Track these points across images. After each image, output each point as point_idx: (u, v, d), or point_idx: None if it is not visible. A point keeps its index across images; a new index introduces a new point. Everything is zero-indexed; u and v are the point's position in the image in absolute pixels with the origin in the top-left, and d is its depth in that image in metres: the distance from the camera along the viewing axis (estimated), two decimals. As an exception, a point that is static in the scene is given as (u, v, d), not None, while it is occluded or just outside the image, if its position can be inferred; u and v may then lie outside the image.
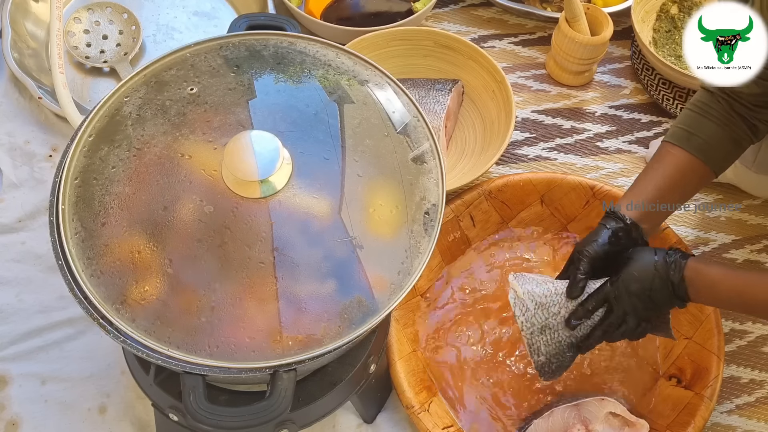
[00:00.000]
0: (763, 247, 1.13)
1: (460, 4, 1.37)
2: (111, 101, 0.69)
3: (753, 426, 0.99)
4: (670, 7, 1.32)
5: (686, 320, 1.00)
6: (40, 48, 1.21)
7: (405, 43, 1.20)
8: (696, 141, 0.87)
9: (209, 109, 0.69)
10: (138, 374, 0.81)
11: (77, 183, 0.64)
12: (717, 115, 0.87)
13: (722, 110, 0.87)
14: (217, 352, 0.60)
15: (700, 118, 0.88)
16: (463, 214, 1.07)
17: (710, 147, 0.88)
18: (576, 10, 1.18)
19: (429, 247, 0.65)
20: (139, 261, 0.62)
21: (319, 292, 0.62)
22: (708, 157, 0.88)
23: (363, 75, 0.73)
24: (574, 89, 1.28)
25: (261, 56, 0.73)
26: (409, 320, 1.00)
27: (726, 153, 0.89)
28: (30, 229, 1.08)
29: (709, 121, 0.87)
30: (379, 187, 0.67)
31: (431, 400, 0.94)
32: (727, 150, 0.89)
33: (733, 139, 0.88)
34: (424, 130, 0.71)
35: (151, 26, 1.28)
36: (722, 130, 0.87)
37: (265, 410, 0.60)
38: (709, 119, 0.87)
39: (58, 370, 0.97)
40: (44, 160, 1.14)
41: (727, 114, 0.86)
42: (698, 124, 0.88)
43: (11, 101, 1.18)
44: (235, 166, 0.63)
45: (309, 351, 0.61)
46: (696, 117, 0.88)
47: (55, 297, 1.02)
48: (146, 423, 0.94)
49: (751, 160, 1.08)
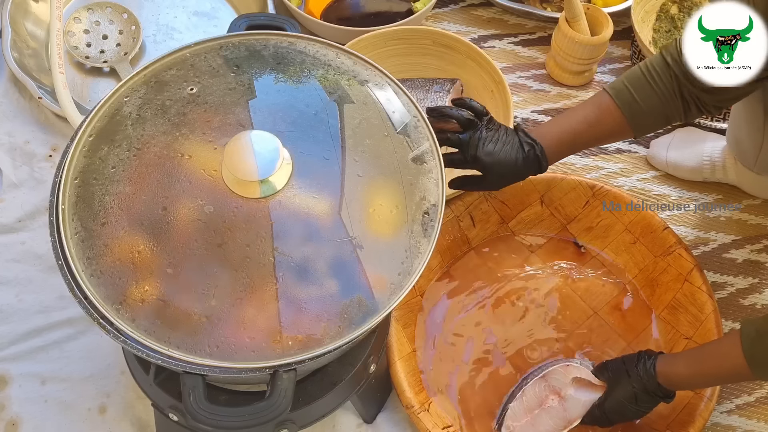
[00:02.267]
0: (763, 247, 1.13)
1: (460, 4, 1.37)
2: (111, 101, 0.69)
3: (753, 426, 0.99)
4: (670, 7, 1.32)
5: (686, 320, 1.00)
6: (40, 48, 1.21)
7: (404, 43, 1.20)
8: (635, 107, 0.87)
9: (209, 109, 0.69)
10: (138, 374, 0.81)
11: (77, 183, 0.64)
12: (663, 88, 0.86)
13: (669, 85, 0.86)
14: (217, 352, 0.60)
15: (647, 85, 0.87)
16: (463, 214, 1.07)
17: (643, 115, 0.88)
18: (576, 10, 1.18)
19: (429, 247, 0.65)
20: (139, 261, 0.62)
21: (319, 292, 0.62)
22: (637, 123, 0.88)
23: (363, 75, 0.73)
24: (574, 89, 1.28)
25: (261, 56, 0.73)
26: (409, 320, 1.00)
27: (654, 124, 0.90)
28: (30, 229, 1.08)
29: (654, 92, 0.86)
30: (379, 187, 0.67)
31: (431, 400, 0.94)
32: (656, 122, 0.89)
33: (666, 115, 0.88)
34: (424, 130, 0.71)
35: (151, 26, 1.28)
36: (661, 105, 0.87)
37: (265, 410, 0.60)
38: (654, 90, 0.86)
39: (58, 370, 0.97)
40: (44, 160, 1.14)
41: (671, 91, 0.86)
42: (643, 90, 0.87)
43: (11, 101, 1.18)
44: (235, 166, 0.63)
45: (309, 351, 0.60)
46: (644, 82, 0.87)
47: (55, 297, 1.02)
48: (146, 423, 0.94)
49: (752, 161, 1.08)
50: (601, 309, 1.04)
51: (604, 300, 1.05)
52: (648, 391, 0.86)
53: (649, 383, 0.85)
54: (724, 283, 1.10)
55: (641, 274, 1.06)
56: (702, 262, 1.06)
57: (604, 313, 1.04)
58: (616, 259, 1.07)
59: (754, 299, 1.09)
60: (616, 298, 1.05)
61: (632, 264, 1.07)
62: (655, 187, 1.18)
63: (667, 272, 1.03)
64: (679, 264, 1.02)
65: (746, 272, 1.11)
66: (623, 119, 0.87)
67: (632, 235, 1.06)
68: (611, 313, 1.04)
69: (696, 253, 1.10)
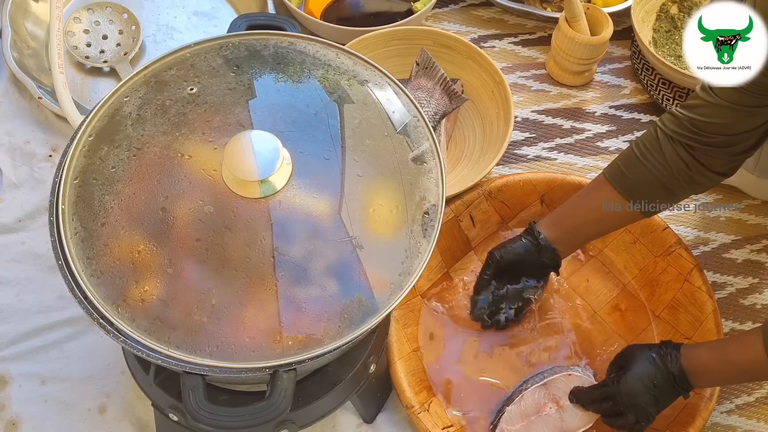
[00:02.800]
0: (763, 247, 1.13)
1: (460, 4, 1.37)
2: (111, 101, 0.69)
3: (753, 426, 0.99)
4: (670, 7, 1.32)
5: (686, 320, 1.00)
6: (40, 48, 1.21)
7: (404, 43, 1.20)
8: (627, 183, 0.88)
9: (209, 109, 0.69)
10: (138, 374, 0.81)
11: (77, 183, 0.64)
12: (655, 162, 0.85)
13: (662, 158, 0.85)
14: (217, 352, 0.60)
15: (637, 161, 0.87)
16: (463, 214, 1.07)
17: (639, 190, 0.88)
18: (576, 10, 1.18)
19: (429, 247, 0.65)
20: (139, 261, 0.62)
21: (319, 292, 0.62)
22: (636, 199, 0.88)
23: (363, 75, 0.73)
24: (574, 89, 1.28)
25: (261, 56, 0.73)
26: (409, 320, 1.00)
27: (656, 199, 0.89)
28: (30, 229, 1.08)
29: (645, 167, 0.86)
30: (379, 187, 0.67)
31: (431, 400, 0.94)
32: (657, 196, 0.88)
33: (666, 188, 0.87)
34: (423, 130, 0.71)
35: (151, 26, 1.28)
36: (655, 177, 0.86)
37: (265, 410, 0.60)
38: (645, 164, 0.86)
39: (58, 370, 0.97)
40: (44, 160, 1.14)
41: (666, 162, 0.85)
42: (633, 165, 0.87)
43: (11, 101, 1.18)
44: (235, 166, 0.63)
45: (309, 351, 0.61)
46: (634, 158, 0.87)
47: (55, 297, 1.02)
48: (146, 423, 0.94)
49: (752, 164, 1.08)
50: (601, 309, 1.04)
51: (604, 300, 1.05)
52: (668, 376, 0.84)
53: (672, 365, 0.84)
54: (724, 283, 1.10)
55: (641, 274, 1.06)
56: (702, 262, 1.06)
57: (604, 313, 1.04)
58: (616, 259, 1.07)
59: (754, 299, 1.09)
60: (616, 298, 1.05)
61: (632, 264, 1.07)
62: (655, 187, 1.18)
63: (667, 272, 1.03)
64: (679, 264, 1.02)
65: (746, 272, 1.11)
66: (621, 198, 0.88)
67: (632, 235, 1.06)
68: (611, 313, 1.04)
69: (696, 253, 1.10)
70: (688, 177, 0.85)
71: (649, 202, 0.89)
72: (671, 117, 0.85)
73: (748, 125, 0.81)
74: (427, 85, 1.11)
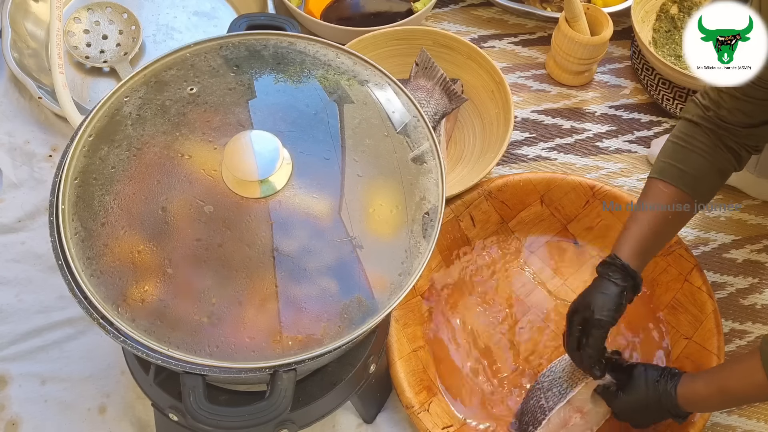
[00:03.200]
0: (763, 247, 1.13)
1: (460, 4, 1.37)
2: (111, 101, 0.69)
3: (753, 426, 0.99)
4: (670, 7, 1.32)
5: (686, 320, 1.00)
6: (40, 48, 1.21)
7: (404, 43, 1.20)
8: (687, 177, 0.86)
9: (209, 109, 0.69)
10: (138, 374, 0.81)
11: (77, 183, 0.64)
12: (703, 147, 0.86)
13: (708, 141, 0.86)
14: (217, 352, 0.60)
15: (687, 151, 0.87)
16: (463, 214, 1.07)
17: (699, 181, 0.87)
18: (576, 10, 1.18)
19: (429, 247, 0.65)
20: (139, 261, 0.62)
21: (319, 292, 0.62)
22: (697, 191, 0.87)
23: (363, 75, 0.73)
24: (574, 89, 1.28)
25: (261, 56, 0.73)
26: (409, 320, 1.00)
27: (713, 185, 0.89)
28: (30, 229, 1.08)
29: (697, 155, 0.86)
30: (379, 187, 0.67)
31: (431, 400, 0.94)
32: (714, 182, 0.89)
33: (719, 170, 0.87)
34: (423, 130, 0.71)
35: (151, 26, 1.28)
36: (709, 163, 0.86)
37: (265, 410, 0.60)
38: (696, 152, 0.86)
39: (58, 370, 0.97)
40: (44, 160, 1.14)
41: (713, 145, 0.86)
42: (686, 158, 0.87)
43: (11, 101, 1.18)
44: (235, 166, 0.63)
45: (309, 351, 0.61)
46: (683, 151, 0.87)
47: (55, 297, 1.02)
48: (146, 423, 0.94)
49: (752, 164, 1.08)
50: (601, 309, 1.04)
51: (604, 300, 1.05)
52: (662, 410, 0.84)
53: (666, 401, 0.83)
54: (724, 283, 1.10)
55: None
56: (702, 262, 1.06)
57: (604, 313, 1.04)
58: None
59: (754, 299, 1.09)
60: (616, 298, 1.05)
61: (632, 264, 1.07)
62: (655, 187, 1.18)
63: (667, 272, 1.03)
64: (679, 264, 1.02)
65: (746, 272, 1.11)
66: (684, 195, 0.86)
67: (632, 235, 1.06)
68: (611, 313, 1.04)
69: (696, 253, 1.10)
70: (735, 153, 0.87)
71: (708, 190, 0.89)
72: (696, 107, 0.87)
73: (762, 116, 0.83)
74: (427, 85, 1.11)
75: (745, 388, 0.80)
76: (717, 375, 0.84)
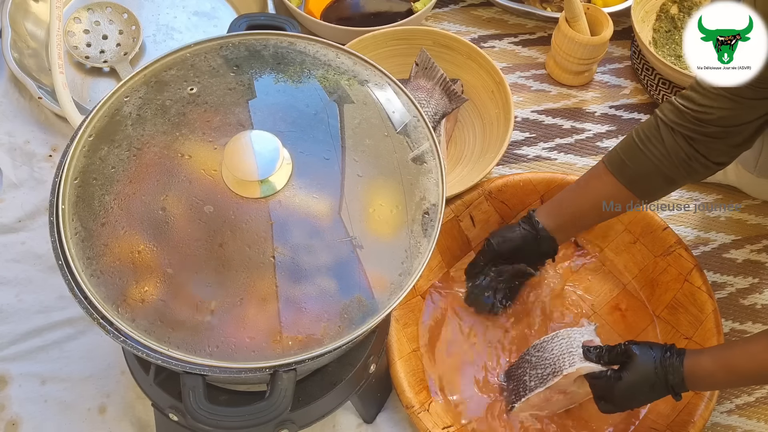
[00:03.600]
0: (763, 247, 1.13)
1: (460, 4, 1.37)
2: (111, 101, 0.69)
3: (753, 426, 0.99)
4: (670, 7, 1.32)
5: (686, 320, 1.00)
6: (40, 48, 1.21)
7: (404, 43, 1.20)
8: (628, 172, 0.89)
9: (209, 109, 0.69)
10: (138, 374, 0.81)
11: (77, 183, 0.64)
12: (656, 151, 0.86)
13: (662, 148, 0.86)
14: (217, 352, 0.60)
15: (638, 150, 0.88)
16: (463, 214, 1.07)
17: (641, 180, 0.89)
18: (576, 10, 1.18)
19: (429, 247, 0.65)
20: (139, 261, 0.62)
21: (319, 292, 0.62)
22: (636, 188, 0.89)
23: (363, 75, 0.73)
24: (574, 89, 1.28)
25: (261, 56, 0.73)
26: (409, 320, 1.00)
27: (657, 188, 0.90)
28: (30, 229, 1.08)
29: (645, 156, 0.87)
30: (379, 187, 0.67)
31: (431, 400, 0.94)
32: (658, 185, 0.90)
33: (666, 177, 0.88)
34: (423, 130, 0.71)
35: (151, 26, 1.28)
36: (656, 167, 0.87)
37: (265, 410, 0.60)
38: (646, 153, 0.87)
39: (58, 370, 0.97)
40: (44, 160, 1.14)
41: (666, 152, 0.86)
42: (635, 155, 0.88)
43: (11, 101, 1.18)
44: (235, 166, 0.63)
45: (309, 351, 0.60)
46: (635, 148, 0.88)
47: (55, 297, 1.02)
48: (146, 423, 0.94)
49: (752, 164, 1.08)
50: (601, 309, 1.04)
51: (604, 300, 1.05)
52: (666, 386, 0.84)
53: (673, 377, 0.83)
54: (724, 283, 1.10)
55: (641, 274, 1.06)
56: (702, 262, 1.06)
57: (604, 313, 1.04)
58: (616, 259, 1.07)
59: (754, 299, 1.09)
60: (616, 298, 1.05)
61: (632, 264, 1.07)
62: (655, 187, 1.18)
63: (667, 272, 1.03)
64: (679, 264, 1.02)
65: (746, 272, 1.11)
66: (622, 188, 0.89)
67: (632, 235, 1.06)
68: (611, 313, 1.04)
69: (696, 253, 1.10)
70: (687, 166, 0.86)
71: (649, 190, 0.90)
72: (671, 107, 0.86)
73: (746, 117, 0.82)
74: (427, 85, 1.11)
75: (752, 368, 0.80)
76: (725, 352, 0.84)
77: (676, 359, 0.84)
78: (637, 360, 0.85)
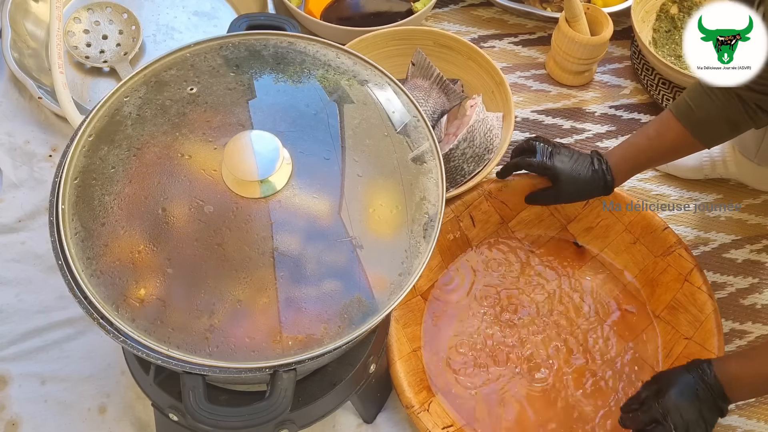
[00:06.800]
0: (763, 247, 1.13)
1: (460, 4, 1.37)
2: (111, 101, 0.69)
3: (753, 426, 0.99)
4: (670, 7, 1.32)
5: (686, 320, 1.00)
6: (40, 48, 1.21)
7: (404, 43, 1.20)
8: (694, 117, 0.91)
9: (209, 109, 0.69)
10: (138, 374, 0.81)
11: (77, 183, 0.64)
12: (719, 95, 0.89)
13: (724, 91, 0.88)
14: (217, 352, 0.60)
15: (704, 95, 0.90)
16: (463, 214, 1.07)
17: (707, 125, 0.91)
18: (576, 10, 1.18)
19: (429, 247, 0.65)
20: (139, 261, 0.62)
21: (319, 292, 0.62)
22: (702, 133, 0.92)
23: (363, 75, 0.73)
24: (574, 89, 1.28)
25: (261, 56, 0.73)
26: (409, 320, 1.00)
27: (722, 133, 0.93)
28: (30, 229, 1.08)
29: (711, 100, 0.89)
30: (379, 187, 0.67)
31: (431, 400, 0.94)
32: (723, 131, 0.92)
33: (731, 121, 0.90)
34: (423, 130, 0.71)
35: (151, 26, 1.28)
36: (721, 111, 0.89)
37: (265, 410, 0.60)
38: (711, 98, 0.90)
39: (58, 370, 0.97)
40: (44, 160, 1.14)
41: (728, 96, 0.88)
42: (701, 100, 0.91)
43: (11, 101, 1.18)
44: (235, 166, 0.63)
45: (309, 351, 0.61)
46: (700, 93, 0.91)
47: (55, 297, 1.02)
48: (146, 423, 0.94)
49: (753, 151, 1.08)
50: (601, 309, 1.04)
51: (604, 300, 1.05)
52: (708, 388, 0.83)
53: (708, 377, 0.83)
54: (724, 283, 1.10)
55: (641, 274, 1.06)
56: (702, 262, 1.06)
57: (604, 313, 1.04)
58: (616, 259, 1.07)
59: (754, 299, 1.09)
60: (616, 299, 1.05)
61: (632, 264, 1.07)
62: (655, 187, 1.18)
63: (667, 272, 1.03)
64: (679, 264, 1.02)
65: (746, 272, 1.11)
66: (684, 130, 0.91)
67: (632, 235, 1.06)
68: (611, 313, 1.04)
69: (696, 253, 1.10)
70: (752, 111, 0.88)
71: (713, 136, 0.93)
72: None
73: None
74: (424, 84, 1.11)
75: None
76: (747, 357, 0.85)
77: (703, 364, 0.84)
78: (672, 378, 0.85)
